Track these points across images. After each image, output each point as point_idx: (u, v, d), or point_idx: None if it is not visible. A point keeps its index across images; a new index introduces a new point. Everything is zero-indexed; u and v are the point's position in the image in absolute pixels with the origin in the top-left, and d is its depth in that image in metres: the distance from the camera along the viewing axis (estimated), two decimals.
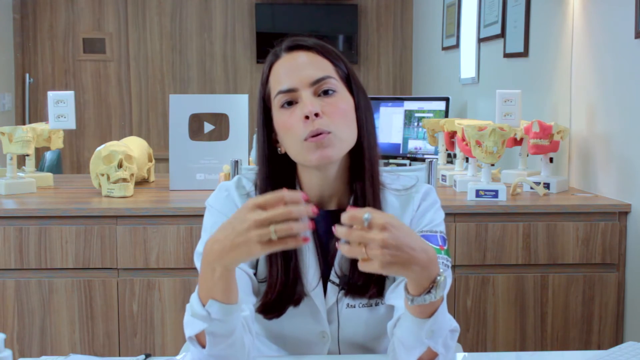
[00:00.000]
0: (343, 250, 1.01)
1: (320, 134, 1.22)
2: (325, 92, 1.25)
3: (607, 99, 2.48)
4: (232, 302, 1.09)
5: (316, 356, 1.33)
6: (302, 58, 1.27)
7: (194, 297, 1.11)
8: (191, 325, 1.11)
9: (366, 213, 0.99)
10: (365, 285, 1.27)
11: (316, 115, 1.21)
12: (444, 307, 1.11)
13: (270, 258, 1.28)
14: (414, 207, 1.34)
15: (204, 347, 1.12)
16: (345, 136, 1.26)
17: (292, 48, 1.28)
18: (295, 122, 1.23)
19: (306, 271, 1.29)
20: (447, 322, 1.12)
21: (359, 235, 0.98)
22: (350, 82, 1.29)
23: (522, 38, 3.14)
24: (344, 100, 1.26)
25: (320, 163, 1.25)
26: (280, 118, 1.26)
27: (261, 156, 1.31)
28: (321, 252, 1.30)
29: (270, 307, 1.28)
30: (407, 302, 1.09)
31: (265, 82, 1.30)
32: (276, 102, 1.26)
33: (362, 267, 1.00)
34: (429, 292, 1.06)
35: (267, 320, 1.30)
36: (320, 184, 1.30)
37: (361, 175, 1.30)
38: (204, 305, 1.09)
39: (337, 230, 1.00)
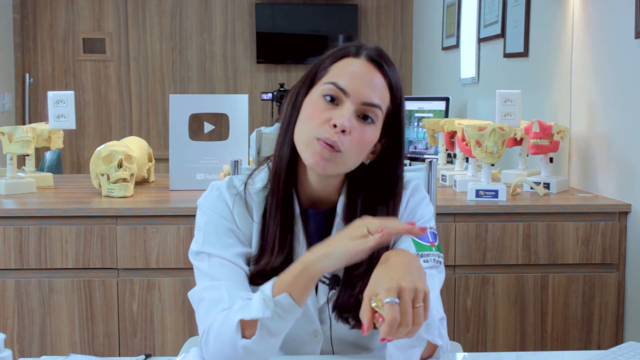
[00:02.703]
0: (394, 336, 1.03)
1: (332, 146, 1.21)
2: (365, 117, 1.24)
3: (607, 99, 2.48)
4: (300, 305, 1.11)
5: (309, 356, 1.33)
6: (373, 76, 1.25)
7: (267, 286, 1.13)
8: (248, 310, 1.12)
9: (388, 298, 1.02)
10: (356, 318, 1.26)
11: (343, 131, 1.21)
12: (432, 297, 1.13)
13: (264, 242, 1.28)
14: (402, 204, 1.33)
15: (244, 336, 1.12)
16: (350, 162, 1.25)
17: (372, 60, 1.26)
18: (322, 120, 1.22)
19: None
20: (435, 313, 1.15)
21: (407, 321, 1.01)
22: (395, 118, 1.28)
23: (522, 38, 3.14)
24: (373, 132, 1.25)
25: (313, 167, 1.25)
26: (313, 105, 1.25)
27: (292, 126, 1.28)
28: None
29: (264, 273, 1.27)
30: None
31: (327, 65, 1.27)
32: (323, 87, 1.24)
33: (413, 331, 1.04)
34: None
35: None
36: (315, 183, 1.30)
37: (368, 188, 1.30)
38: (274, 296, 1.11)
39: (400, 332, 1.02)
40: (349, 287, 1.26)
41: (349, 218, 1.29)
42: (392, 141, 1.30)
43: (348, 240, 1.08)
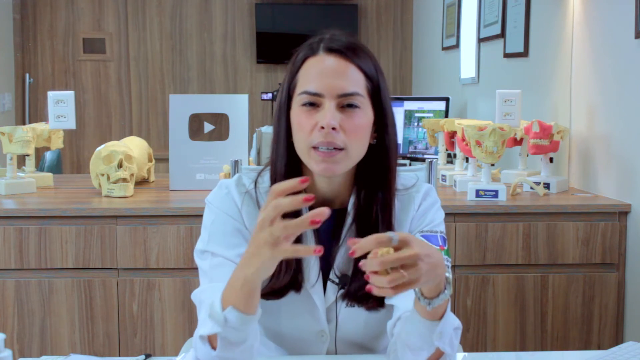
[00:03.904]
0: (377, 283, 0.99)
1: (333, 148, 1.21)
2: (349, 105, 1.23)
3: (607, 99, 2.48)
4: (251, 313, 1.09)
5: (315, 356, 1.33)
6: (337, 65, 1.24)
7: (216, 299, 1.10)
8: (205, 326, 1.11)
9: (389, 233, 0.99)
10: (365, 297, 1.27)
11: (333, 129, 1.21)
12: (449, 306, 1.13)
13: None
14: (414, 207, 1.34)
15: (213, 347, 1.12)
16: (356, 154, 1.25)
17: (330, 50, 1.25)
18: (310, 127, 1.22)
19: (307, 268, 1.29)
20: (451, 321, 1.14)
21: (395, 258, 0.97)
22: (377, 95, 1.27)
23: (522, 38, 3.14)
24: (364, 116, 1.25)
25: (323, 175, 1.25)
26: (298, 116, 1.25)
27: (282, 143, 1.29)
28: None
29: (275, 291, 1.28)
30: (424, 307, 1.09)
31: (295, 72, 1.28)
32: (299, 98, 1.25)
33: (397, 290, 0.99)
34: (443, 291, 1.07)
35: (266, 311, 1.30)
36: (324, 184, 1.30)
37: (374, 182, 1.29)
38: (223, 310, 1.09)
39: (374, 263, 0.97)
40: (358, 279, 1.26)
41: (359, 217, 1.29)
42: (378, 117, 1.29)
43: (269, 248, 1.01)
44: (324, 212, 0.97)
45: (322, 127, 1.21)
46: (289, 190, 1.00)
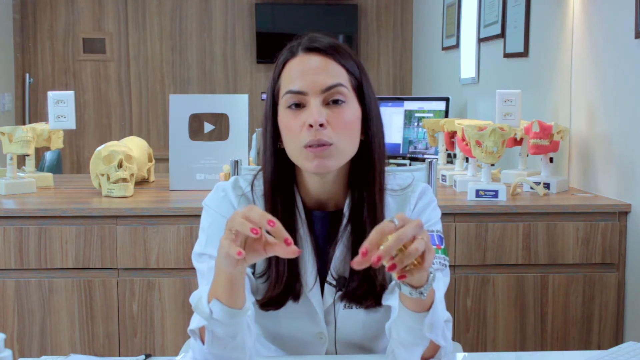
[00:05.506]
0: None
1: (321, 145, 1.21)
2: (335, 101, 1.23)
3: (607, 99, 2.48)
4: (236, 307, 1.09)
5: (314, 356, 1.33)
6: (317, 62, 1.25)
7: (204, 294, 1.11)
8: (193, 320, 1.13)
9: (390, 218, 0.99)
10: (363, 296, 1.27)
11: (321, 125, 1.20)
12: (437, 297, 1.13)
13: (269, 269, 1.28)
14: (410, 207, 1.33)
15: (204, 342, 1.13)
16: (346, 149, 1.25)
17: (309, 49, 1.26)
18: (298, 127, 1.22)
19: (304, 271, 1.29)
20: (441, 313, 1.14)
21: (396, 238, 0.96)
22: (361, 90, 1.28)
23: (522, 38, 3.14)
24: (351, 111, 1.25)
25: (317, 172, 1.25)
26: (285, 118, 1.25)
27: (269, 148, 1.30)
28: (318, 254, 1.30)
29: (273, 301, 1.28)
30: (411, 300, 1.08)
31: (277, 77, 1.28)
32: (284, 100, 1.25)
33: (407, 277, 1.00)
34: (429, 275, 1.06)
35: (265, 314, 1.31)
36: (318, 186, 1.30)
37: (365, 181, 1.29)
38: (209, 303, 1.10)
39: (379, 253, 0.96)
40: (355, 279, 1.26)
41: (354, 218, 1.29)
42: (364, 114, 1.28)
43: (232, 265, 1.03)
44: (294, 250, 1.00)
45: (310, 126, 1.21)
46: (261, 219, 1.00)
